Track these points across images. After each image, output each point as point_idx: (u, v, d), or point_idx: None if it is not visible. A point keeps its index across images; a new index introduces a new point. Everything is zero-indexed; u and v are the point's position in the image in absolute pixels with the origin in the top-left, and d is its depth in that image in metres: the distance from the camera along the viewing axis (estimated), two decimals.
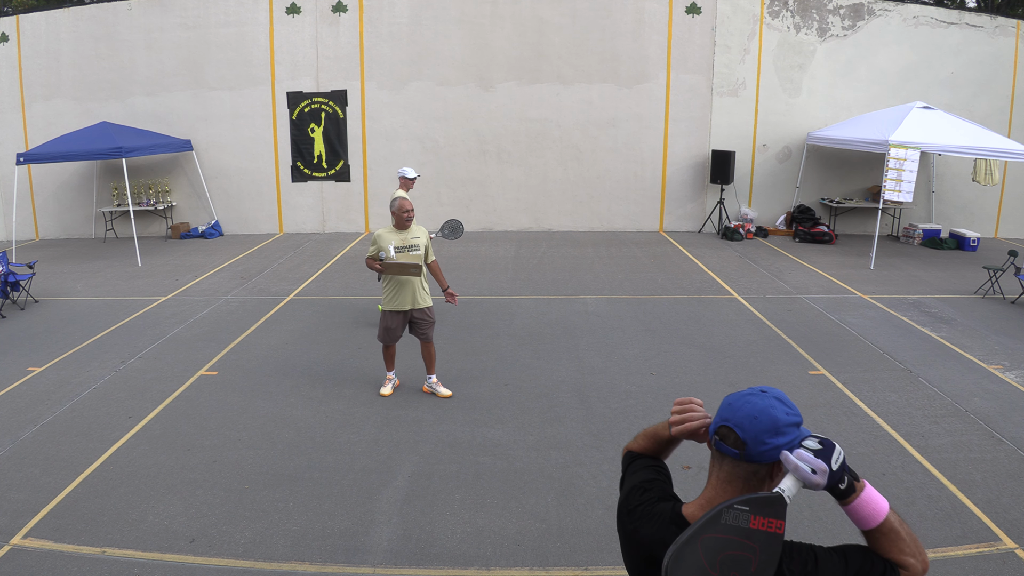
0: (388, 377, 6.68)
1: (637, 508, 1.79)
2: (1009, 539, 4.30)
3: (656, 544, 1.65)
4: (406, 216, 6.26)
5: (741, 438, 1.61)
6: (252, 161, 14.81)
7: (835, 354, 7.55)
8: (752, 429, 1.61)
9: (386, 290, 6.39)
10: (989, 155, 11.52)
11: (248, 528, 4.50)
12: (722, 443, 1.65)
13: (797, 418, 1.69)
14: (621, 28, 14.24)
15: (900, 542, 1.61)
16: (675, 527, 1.66)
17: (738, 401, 1.68)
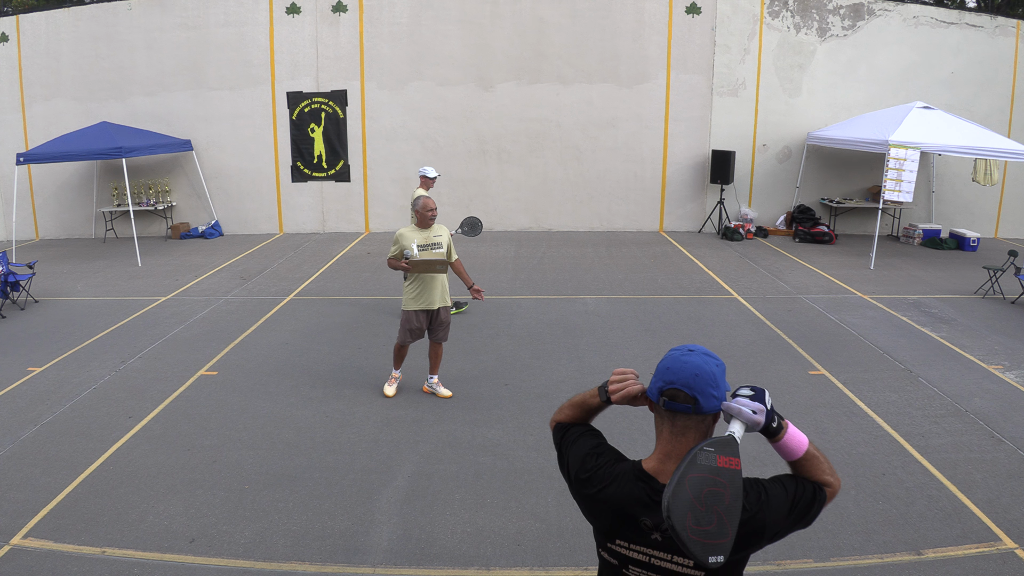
0: (394, 376, 6.59)
1: (597, 472, 1.94)
2: (1009, 539, 4.30)
3: (626, 500, 1.85)
4: (430, 215, 6.15)
5: (690, 395, 1.81)
6: (252, 161, 14.81)
7: (835, 354, 7.55)
8: (698, 385, 1.82)
9: (410, 289, 6.24)
10: (989, 155, 11.52)
11: (248, 528, 4.50)
12: (673, 402, 1.84)
13: (723, 366, 1.90)
14: (621, 28, 14.24)
15: (821, 465, 1.89)
16: (641, 482, 1.86)
17: (676, 364, 1.87)
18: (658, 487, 1.83)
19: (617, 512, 1.87)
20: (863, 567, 4.07)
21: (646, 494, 1.84)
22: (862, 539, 4.32)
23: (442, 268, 6.11)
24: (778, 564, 4.11)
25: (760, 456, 5.41)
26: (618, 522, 1.88)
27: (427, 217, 6.15)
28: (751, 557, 3.40)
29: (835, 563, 4.11)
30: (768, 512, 1.84)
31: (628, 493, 1.86)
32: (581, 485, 1.96)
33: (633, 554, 1.87)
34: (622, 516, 1.86)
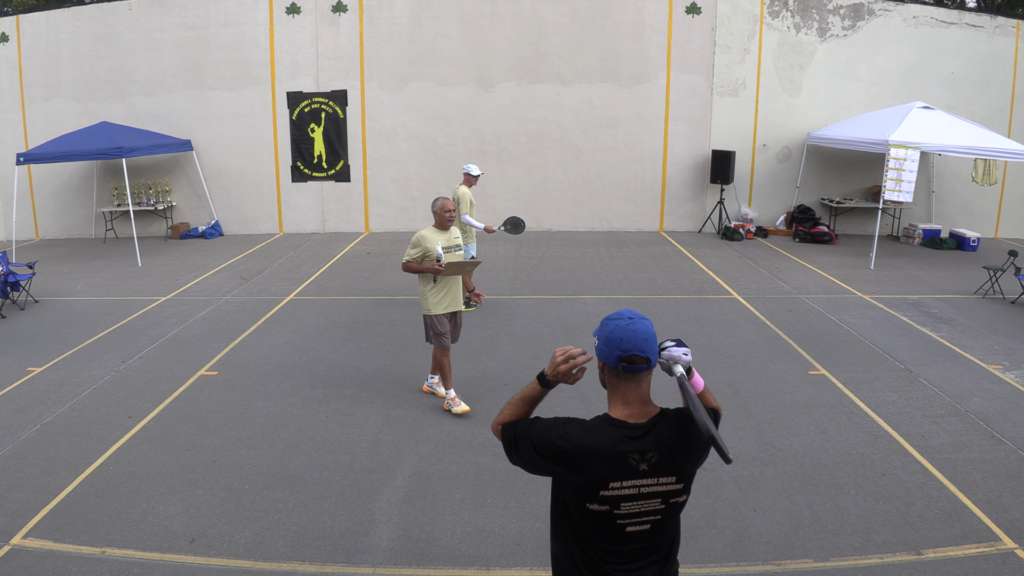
0: (452, 396, 6.15)
1: (572, 432, 2.17)
2: (1009, 539, 4.30)
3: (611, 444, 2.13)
4: (448, 216, 5.98)
5: (645, 357, 2.19)
6: (252, 161, 14.81)
7: (835, 354, 7.55)
8: (649, 348, 2.21)
9: (435, 293, 5.99)
10: (989, 155, 11.52)
11: (248, 528, 4.50)
12: (632, 365, 2.17)
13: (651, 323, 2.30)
14: (621, 28, 14.24)
15: (711, 395, 2.49)
16: (613, 428, 2.17)
17: (627, 334, 2.21)
18: (632, 427, 2.15)
19: (606, 457, 2.12)
20: (863, 567, 4.07)
21: (624, 435, 2.14)
22: (862, 539, 4.32)
23: (472, 268, 5.99)
24: (778, 564, 4.11)
25: (760, 456, 5.43)
26: (608, 467, 2.12)
27: (446, 218, 5.99)
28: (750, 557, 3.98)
29: (835, 563, 4.11)
30: None
31: (611, 438, 2.15)
32: (562, 453, 2.15)
33: (625, 491, 2.15)
34: (611, 459, 2.12)
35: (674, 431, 2.19)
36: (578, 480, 2.17)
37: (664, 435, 2.17)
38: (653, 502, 2.18)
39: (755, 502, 4.74)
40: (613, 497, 2.14)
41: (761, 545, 4.29)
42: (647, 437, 2.15)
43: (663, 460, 2.15)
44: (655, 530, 2.22)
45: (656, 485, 2.17)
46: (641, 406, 2.20)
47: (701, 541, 4.33)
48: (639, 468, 2.14)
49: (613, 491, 2.14)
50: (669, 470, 2.16)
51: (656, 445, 2.15)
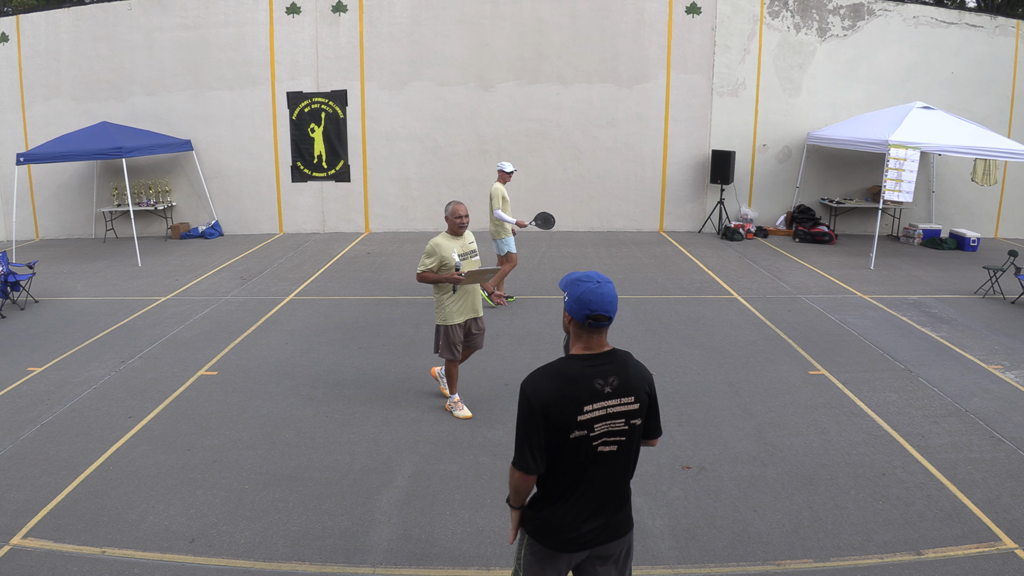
0: (456, 400, 6.14)
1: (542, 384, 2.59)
2: (1009, 539, 4.30)
3: (579, 375, 2.58)
4: (459, 222, 5.75)
5: (609, 316, 2.61)
6: (252, 161, 14.81)
7: (835, 354, 7.55)
8: (613, 308, 2.63)
9: (452, 302, 5.79)
10: (989, 155, 11.52)
11: (248, 528, 4.50)
12: (598, 323, 2.61)
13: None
14: (621, 28, 14.24)
15: None
16: (578, 360, 2.63)
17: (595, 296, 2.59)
18: (594, 357, 2.63)
19: (577, 383, 2.56)
20: (863, 567, 4.07)
21: (590, 365, 2.61)
22: (862, 539, 4.32)
23: (491, 275, 5.82)
24: (778, 564, 4.11)
25: (760, 456, 5.43)
26: (580, 391, 2.55)
27: (457, 224, 5.75)
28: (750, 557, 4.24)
29: (835, 563, 4.11)
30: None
31: (578, 367, 2.60)
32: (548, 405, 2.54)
33: (596, 413, 2.57)
34: (582, 386, 2.56)
35: (625, 360, 2.68)
36: (561, 413, 2.54)
37: (620, 363, 2.66)
38: (618, 422, 2.62)
39: (755, 502, 4.74)
40: (588, 420, 2.56)
41: (761, 545, 4.29)
42: (607, 365, 2.63)
43: (622, 383, 2.61)
44: (621, 454, 2.66)
45: (619, 405, 2.61)
46: (599, 346, 2.67)
47: (701, 541, 4.33)
48: (604, 391, 2.59)
49: (587, 414, 2.56)
50: (631, 392, 2.62)
51: (615, 371, 2.62)
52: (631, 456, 2.71)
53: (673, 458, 5.35)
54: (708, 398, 6.44)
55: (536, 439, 2.58)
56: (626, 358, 2.70)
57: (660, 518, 4.57)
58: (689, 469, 5.18)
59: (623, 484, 2.74)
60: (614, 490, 2.70)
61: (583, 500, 2.66)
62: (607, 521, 2.71)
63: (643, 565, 4.12)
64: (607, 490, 2.68)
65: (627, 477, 2.74)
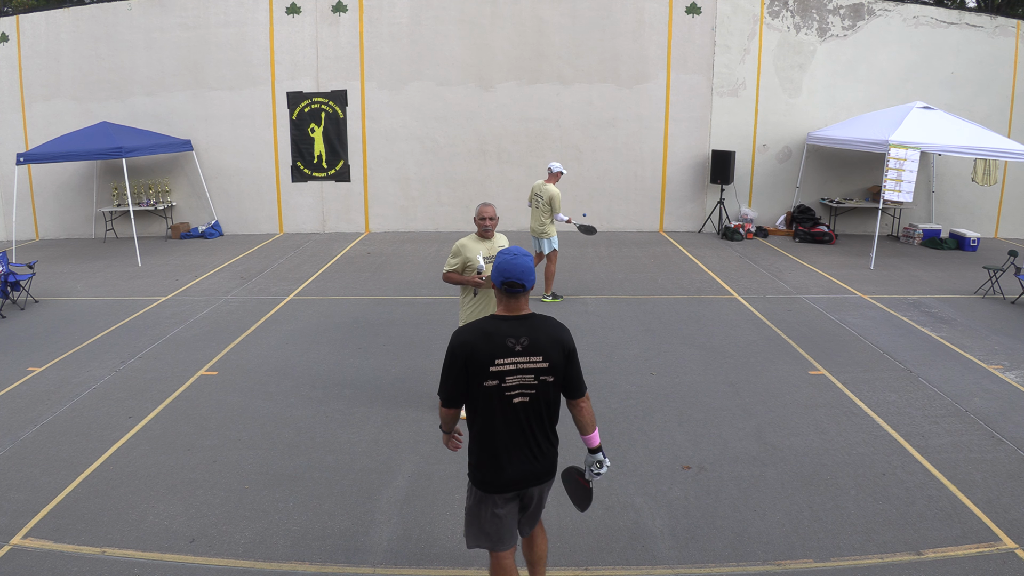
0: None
1: (466, 335, 3.08)
2: (1009, 539, 4.30)
3: (495, 332, 3.06)
4: (484, 224, 5.56)
5: (521, 283, 3.08)
6: (252, 161, 14.81)
7: (835, 354, 7.55)
8: (525, 278, 3.09)
9: (472, 305, 5.63)
10: (989, 155, 11.52)
11: (248, 528, 4.50)
12: (513, 288, 3.08)
13: (532, 257, 3.17)
14: (621, 28, 14.24)
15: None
16: (496, 319, 3.12)
17: (510, 266, 3.08)
18: (510, 319, 3.10)
19: (492, 339, 3.03)
20: (863, 567, 4.07)
21: (506, 325, 3.08)
22: (862, 539, 4.32)
23: None
24: (778, 564, 4.11)
25: (760, 456, 5.43)
26: (494, 346, 3.02)
27: (484, 226, 5.56)
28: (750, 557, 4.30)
29: (835, 563, 4.11)
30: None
31: (494, 326, 3.08)
32: (466, 353, 3.04)
33: (507, 367, 3.03)
34: (495, 341, 3.03)
35: (540, 327, 3.10)
36: (476, 363, 3.02)
37: (533, 326, 3.08)
38: (528, 377, 3.05)
39: (755, 502, 4.74)
40: (500, 372, 3.02)
41: (761, 545, 4.29)
42: (520, 327, 3.07)
43: (532, 343, 3.04)
44: (533, 404, 3.11)
45: (533, 362, 3.04)
46: (517, 310, 3.12)
47: (701, 541, 4.33)
48: (515, 348, 3.03)
49: (499, 367, 3.02)
50: (539, 351, 3.04)
51: (527, 332, 3.05)
52: (544, 409, 3.15)
53: (673, 458, 5.35)
54: (708, 398, 6.44)
55: (455, 380, 3.09)
56: (542, 322, 3.13)
57: (660, 518, 4.57)
58: (689, 469, 5.18)
59: (540, 435, 3.18)
60: (532, 439, 3.16)
61: (504, 446, 3.13)
62: (528, 467, 3.18)
63: (643, 565, 4.13)
64: (525, 438, 3.14)
65: (544, 428, 3.19)
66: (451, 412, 3.26)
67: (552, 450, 3.27)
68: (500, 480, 3.18)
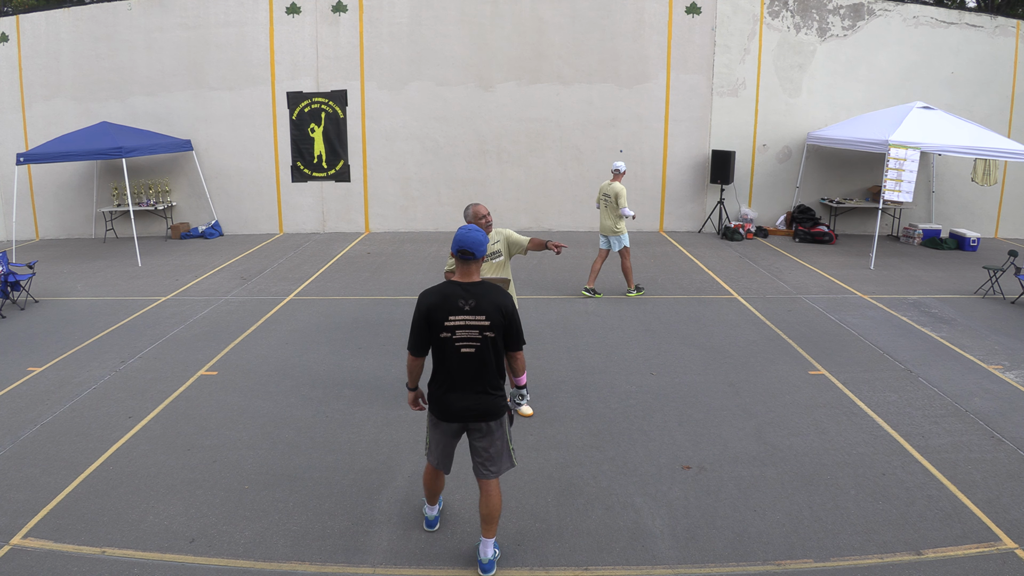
0: None
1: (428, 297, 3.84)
2: (1009, 539, 4.31)
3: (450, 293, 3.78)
4: (483, 222, 5.61)
5: (471, 252, 3.77)
6: (252, 161, 14.81)
7: (835, 354, 7.55)
8: (476, 248, 3.78)
9: None
10: (989, 155, 11.52)
11: (248, 528, 4.50)
12: (464, 256, 3.78)
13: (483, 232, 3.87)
14: (621, 28, 14.24)
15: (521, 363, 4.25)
16: (452, 285, 3.82)
17: (464, 238, 3.78)
18: (462, 284, 3.78)
19: (447, 300, 3.76)
20: (863, 567, 4.07)
21: (460, 289, 3.78)
22: (862, 539, 4.32)
23: (505, 285, 5.67)
24: (778, 564, 4.11)
25: (760, 456, 5.43)
26: (448, 306, 3.74)
27: (481, 225, 5.56)
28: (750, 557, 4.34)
29: (835, 563, 4.11)
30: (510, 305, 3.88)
31: (450, 290, 3.78)
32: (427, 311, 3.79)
33: (458, 323, 3.74)
34: (451, 302, 3.75)
35: (484, 293, 3.77)
36: (434, 320, 3.76)
37: (480, 292, 3.77)
38: (473, 332, 3.76)
39: (755, 502, 4.74)
40: (452, 327, 3.75)
41: (761, 545, 4.29)
42: (470, 292, 3.76)
43: (477, 305, 3.74)
44: (477, 354, 3.79)
45: (477, 320, 3.74)
46: (469, 276, 3.82)
47: (701, 541, 4.33)
48: (464, 308, 3.74)
49: (451, 322, 3.75)
50: (483, 312, 3.74)
51: (474, 296, 3.75)
52: (487, 359, 3.81)
53: (673, 458, 5.35)
54: (708, 398, 6.44)
55: (419, 332, 3.84)
56: (487, 289, 3.79)
57: (660, 518, 4.57)
58: (689, 469, 5.18)
59: (484, 379, 3.84)
60: (477, 382, 3.84)
61: (453, 386, 3.86)
62: (471, 404, 3.87)
63: (643, 565, 4.13)
64: (470, 380, 3.84)
65: (486, 374, 3.84)
66: (416, 361, 3.98)
67: (494, 393, 3.89)
68: (449, 412, 3.91)
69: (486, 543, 4.06)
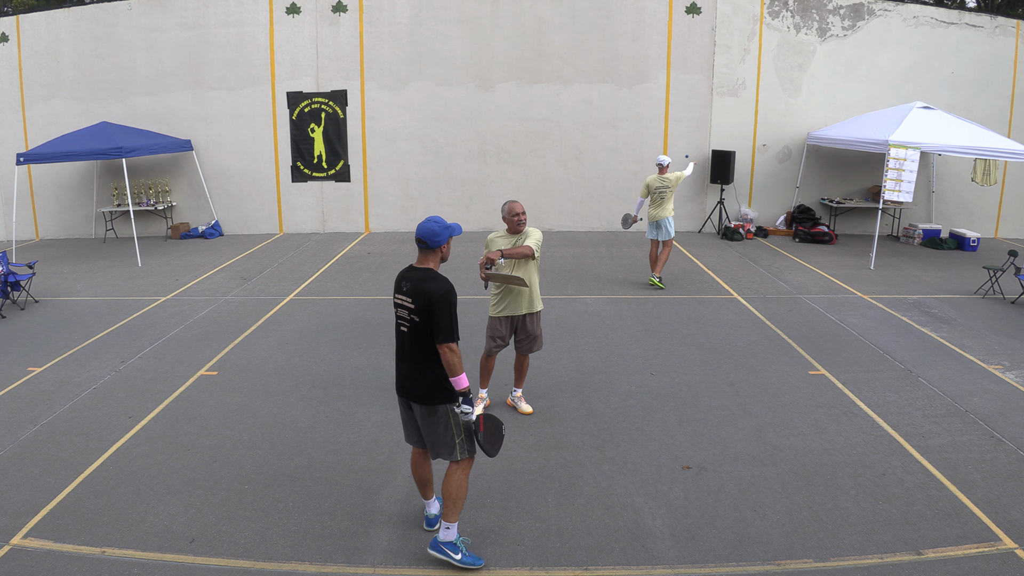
0: (480, 396, 6.16)
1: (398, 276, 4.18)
2: (1009, 539, 4.31)
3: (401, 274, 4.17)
4: (516, 220, 5.72)
5: (424, 241, 4.07)
6: (252, 161, 14.81)
7: (835, 354, 7.55)
8: (426, 236, 4.07)
9: (493, 296, 5.94)
10: (989, 155, 11.52)
11: (248, 528, 4.50)
12: (418, 244, 4.09)
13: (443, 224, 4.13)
14: (621, 28, 14.24)
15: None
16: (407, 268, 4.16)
17: (419, 228, 4.08)
18: (411, 268, 4.11)
19: (399, 281, 4.11)
20: (863, 567, 4.07)
21: (408, 271, 4.10)
22: (862, 539, 4.32)
23: (520, 283, 5.73)
24: (778, 564, 4.11)
25: (760, 456, 5.43)
26: (399, 286, 4.10)
27: (514, 222, 5.72)
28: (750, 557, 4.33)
29: (835, 563, 4.11)
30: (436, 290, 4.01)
31: (403, 274, 4.12)
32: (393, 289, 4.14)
33: (398, 301, 4.08)
34: (400, 282, 4.11)
35: (421, 278, 3.99)
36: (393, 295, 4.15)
37: (417, 277, 4.01)
38: (404, 312, 4.04)
39: (755, 502, 4.74)
40: (395, 304, 4.11)
41: (761, 545, 4.29)
42: (411, 275, 4.05)
43: (411, 288, 4.00)
44: (409, 332, 4.05)
45: (406, 301, 4.03)
46: (423, 263, 4.11)
47: (701, 541, 4.33)
48: (403, 289, 4.05)
49: (396, 299, 4.11)
50: (411, 295, 3.99)
51: (412, 280, 4.02)
52: (418, 340, 4.00)
53: (673, 458, 5.35)
54: (708, 398, 6.44)
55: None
56: (424, 275, 4.00)
57: (660, 518, 4.57)
58: (689, 469, 5.18)
59: (417, 361, 4.04)
60: (410, 362, 4.07)
61: (398, 359, 4.18)
62: (407, 382, 4.11)
63: (643, 565, 4.13)
64: (405, 357, 4.11)
65: (419, 356, 4.02)
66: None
67: (428, 378, 4.02)
68: (397, 383, 4.21)
69: (444, 524, 4.09)
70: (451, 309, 3.96)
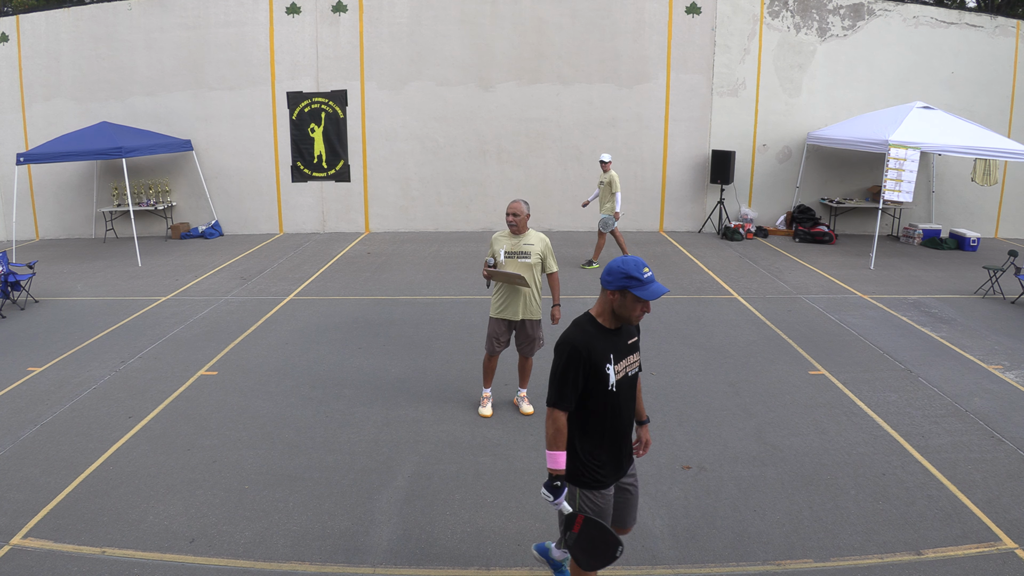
0: (485, 395, 6.19)
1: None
2: (1009, 539, 4.30)
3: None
4: (508, 220, 5.75)
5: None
6: (252, 161, 14.81)
7: (835, 354, 7.55)
8: (603, 275, 3.26)
9: (496, 297, 5.98)
10: (989, 155, 11.52)
11: (248, 528, 4.50)
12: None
13: (622, 268, 3.20)
14: (621, 28, 14.24)
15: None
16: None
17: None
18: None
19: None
20: (863, 567, 4.07)
21: None
22: (862, 539, 4.32)
23: (521, 282, 5.72)
24: (778, 564, 4.11)
25: (760, 456, 5.43)
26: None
27: (508, 222, 5.78)
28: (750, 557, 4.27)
29: (835, 563, 4.11)
30: None
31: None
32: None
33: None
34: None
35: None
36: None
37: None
38: None
39: (755, 502, 4.74)
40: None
41: (761, 545, 4.29)
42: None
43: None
44: None
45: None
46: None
47: (701, 541, 4.33)
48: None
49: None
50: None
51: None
52: None
53: (673, 458, 5.35)
54: (708, 398, 6.44)
55: None
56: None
57: (660, 518, 4.57)
58: (689, 469, 5.18)
59: None
60: None
61: None
62: None
63: (643, 565, 4.12)
64: None
65: None
66: None
67: None
68: None
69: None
70: (558, 364, 3.17)
